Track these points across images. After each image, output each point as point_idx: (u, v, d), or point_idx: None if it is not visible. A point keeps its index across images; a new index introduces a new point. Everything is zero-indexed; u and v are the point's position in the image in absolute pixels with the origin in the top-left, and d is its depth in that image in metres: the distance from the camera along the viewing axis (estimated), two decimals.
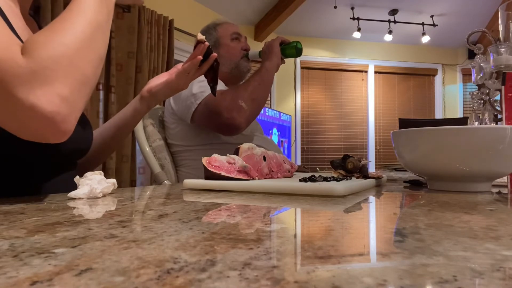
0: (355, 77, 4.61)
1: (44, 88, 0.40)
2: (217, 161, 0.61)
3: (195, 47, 0.79)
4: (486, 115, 0.92)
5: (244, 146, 0.65)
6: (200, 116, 1.13)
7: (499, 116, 0.92)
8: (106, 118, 2.37)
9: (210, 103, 1.10)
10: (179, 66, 0.82)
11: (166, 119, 1.26)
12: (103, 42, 0.49)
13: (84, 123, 0.66)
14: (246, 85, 1.15)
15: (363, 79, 4.64)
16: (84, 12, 0.47)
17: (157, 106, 1.34)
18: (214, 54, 0.81)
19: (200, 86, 1.13)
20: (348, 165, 0.68)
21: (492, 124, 0.91)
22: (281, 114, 3.69)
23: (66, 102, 0.42)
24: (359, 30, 4.07)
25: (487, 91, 0.92)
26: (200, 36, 0.77)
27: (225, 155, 0.63)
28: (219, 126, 1.12)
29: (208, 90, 1.11)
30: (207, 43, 0.78)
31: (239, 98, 1.10)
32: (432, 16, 4.09)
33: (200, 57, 0.78)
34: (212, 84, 0.85)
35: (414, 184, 0.70)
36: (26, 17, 0.60)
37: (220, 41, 1.31)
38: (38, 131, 0.42)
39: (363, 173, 0.67)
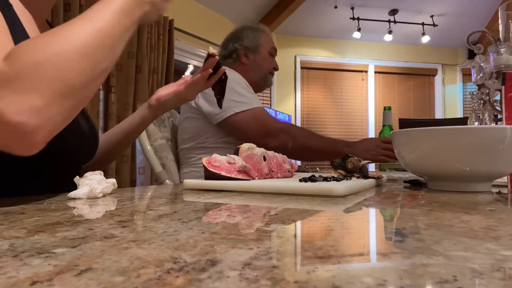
0: (355, 77, 4.61)
1: (15, 96, 0.37)
2: (217, 161, 0.61)
3: (205, 60, 0.81)
4: (486, 115, 0.92)
5: (244, 146, 0.65)
6: (239, 120, 1.15)
7: (499, 116, 0.92)
8: (106, 118, 2.37)
9: (261, 118, 1.16)
10: (188, 78, 0.85)
11: (182, 115, 1.29)
12: (110, 54, 0.46)
13: (91, 128, 0.66)
14: (316, 140, 1.18)
15: (363, 79, 4.63)
16: (95, 21, 0.44)
17: None
18: (223, 68, 0.83)
19: (245, 97, 1.18)
20: (348, 165, 0.68)
21: (492, 124, 0.91)
22: (281, 114, 3.69)
23: (38, 114, 0.39)
24: (359, 30, 4.07)
25: (487, 91, 0.92)
26: (212, 50, 0.80)
27: (225, 155, 0.63)
28: (260, 134, 1.15)
29: (253, 103, 1.16)
30: (217, 57, 0.81)
31: (297, 138, 1.15)
32: (432, 16, 4.09)
33: (210, 70, 0.81)
34: (219, 96, 0.87)
35: (414, 184, 0.70)
36: (43, 25, 0.60)
37: (260, 49, 1.35)
38: (3, 141, 0.39)
39: (363, 173, 0.67)
